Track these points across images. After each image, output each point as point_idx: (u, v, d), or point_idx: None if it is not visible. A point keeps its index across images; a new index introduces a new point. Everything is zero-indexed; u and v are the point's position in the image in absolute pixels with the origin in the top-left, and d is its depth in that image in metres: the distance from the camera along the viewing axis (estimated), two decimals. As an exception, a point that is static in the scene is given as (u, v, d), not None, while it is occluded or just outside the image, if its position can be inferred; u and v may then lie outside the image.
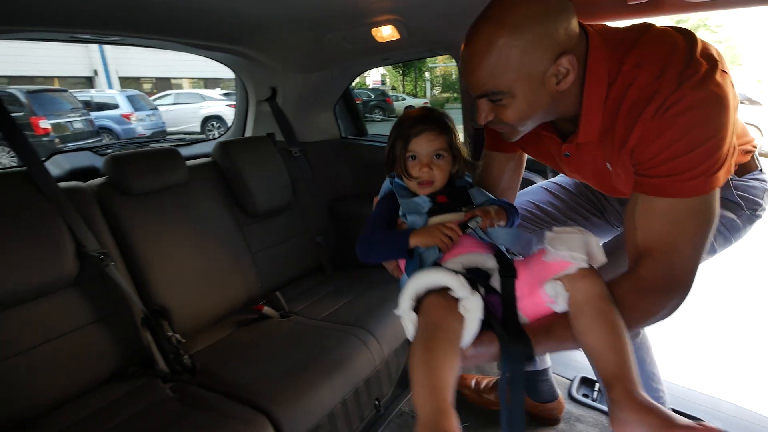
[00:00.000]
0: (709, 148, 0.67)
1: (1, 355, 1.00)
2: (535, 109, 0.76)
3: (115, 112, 8.57)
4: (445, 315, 0.68)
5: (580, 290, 0.70)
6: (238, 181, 1.56)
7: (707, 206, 0.71)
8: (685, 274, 0.73)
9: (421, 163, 0.89)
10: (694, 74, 0.67)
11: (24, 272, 1.02)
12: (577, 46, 0.73)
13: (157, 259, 1.32)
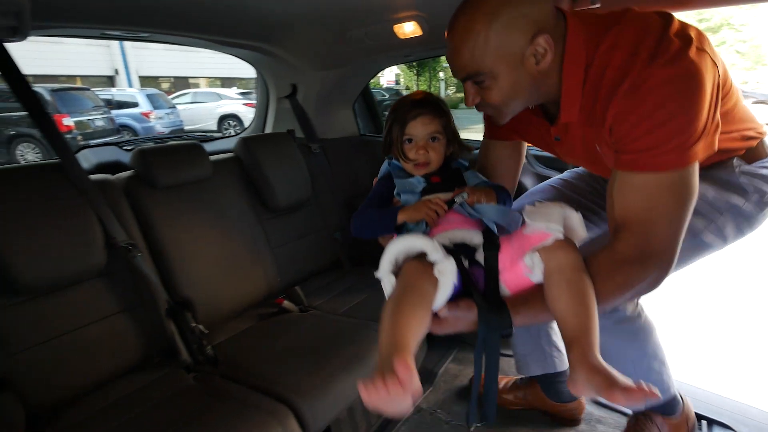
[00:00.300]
0: (680, 122, 0.69)
1: (35, 340, 1.04)
2: (517, 90, 0.80)
3: (135, 110, 8.75)
4: (420, 277, 0.71)
5: (554, 260, 0.73)
6: (259, 176, 1.58)
7: (683, 181, 0.72)
8: (663, 248, 0.74)
9: (417, 146, 0.93)
10: (665, 52, 0.69)
11: (57, 261, 1.05)
12: (555, 28, 0.77)
13: (181, 252, 1.35)
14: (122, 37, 1.36)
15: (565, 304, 0.71)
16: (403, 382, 0.52)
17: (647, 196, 0.74)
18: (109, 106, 8.08)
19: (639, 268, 0.75)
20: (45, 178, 1.09)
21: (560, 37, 0.78)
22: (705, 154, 0.73)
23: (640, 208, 0.75)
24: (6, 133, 6.79)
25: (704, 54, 0.70)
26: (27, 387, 1.01)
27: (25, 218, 1.02)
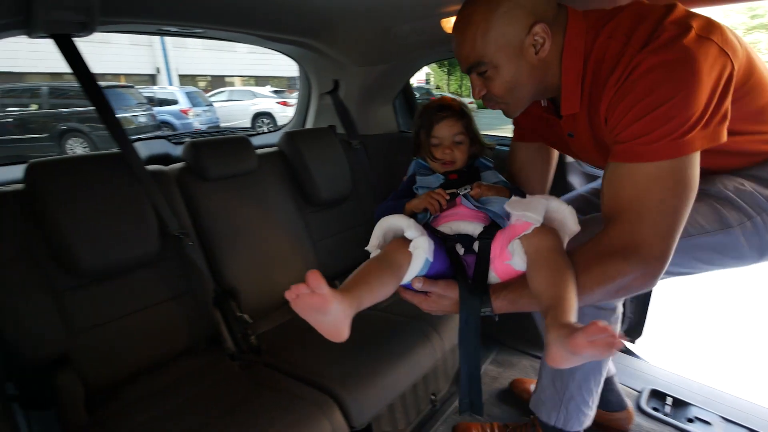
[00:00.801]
0: (668, 109, 0.66)
1: (94, 322, 1.09)
2: (519, 80, 0.82)
3: (174, 107, 9.10)
4: (396, 249, 0.79)
5: (532, 245, 0.76)
6: (302, 170, 1.60)
7: (675, 172, 0.69)
8: (650, 243, 0.71)
9: (444, 146, 1.02)
10: (656, 39, 0.68)
11: (117, 246, 1.10)
12: (555, 18, 0.79)
13: (227, 242, 1.38)
14: (177, 33, 1.41)
15: (542, 279, 0.73)
16: (310, 284, 0.60)
17: (635, 187, 0.72)
18: (151, 104, 8.44)
19: (621, 261, 0.72)
20: (107, 167, 1.14)
21: (561, 27, 0.79)
22: (705, 144, 0.69)
23: (627, 199, 0.73)
24: (58, 128, 7.21)
25: (707, 42, 0.68)
26: (85, 366, 1.06)
27: (89, 205, 1.07)
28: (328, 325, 0.66)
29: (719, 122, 0.70)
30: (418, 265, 0.79)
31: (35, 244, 1.04)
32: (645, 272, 0.73)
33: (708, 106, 0.67)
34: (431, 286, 0.82)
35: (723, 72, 0.68)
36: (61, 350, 1.03)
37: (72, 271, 1.05)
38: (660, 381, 1.51)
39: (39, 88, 7.42)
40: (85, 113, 7.23)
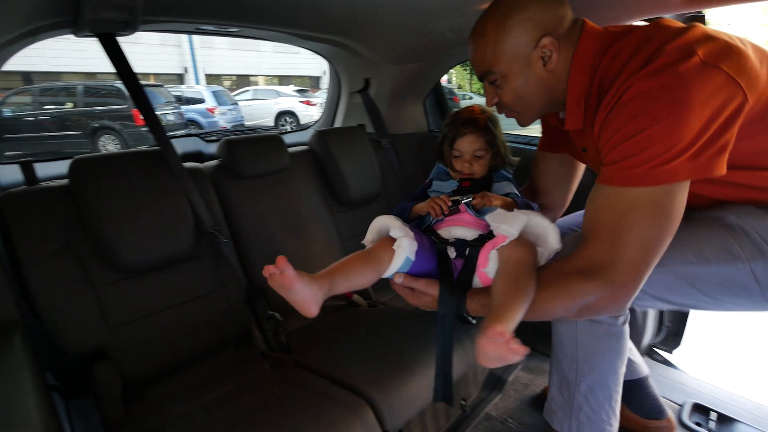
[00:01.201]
0: (649, 136, 0.66)
1: (130, 317, 1.11)
2: (527, 90, 0.84)
3: (201, 106, 9.29)
4: (382, 246, 0.88)
5: (505, 255, 0.82)
6: (333, 169, 1.60)
7: (654, 200, 0.69)
8: (619, 268, 0.71)
9: (464, 159, 1.07)
10: (653, 63, 0.67)
11: (155, 242, 1.11)
12: (568, 33, 0.81)
13: (258, 239, 1.39)
14: (214, 32, 1.42)
15: (499, 286, 0.77)
16: (278, 267, 0.71)
17: (611, 211, 0.72)
18: (179, 102, 8.65)
19: (583, 280, 0.73)
20: (147, 164, 1.16)
21: (573, 43, 0.80)
22: (692, 175, 0.68)
23: (602, 221, 0.73)
24: (91, 126, 7.48)
25: (712, 70, 0.66)
26: (122, 360, 1.08)
27: (130, 201, 1.09)
28: (297, 301, 0.76)
29: (715, 154, 0.67)
30: (399, 262, 0.87)
31: (77, 238, 1.06)
32: (608, 296, 0.73)
33: (700, 135, 0.65)
34: (413, 282, 0.89)
35: (728, 102, 0.66)
36: (100, 343, 1.06)
37: (111, 266, 1.08)
38: (702, 394, 1.44)
39: (74, 87, 7.71)
40: (117, 111, 7.47)
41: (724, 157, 0.68)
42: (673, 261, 0.81)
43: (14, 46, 1.06)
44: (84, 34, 1.11)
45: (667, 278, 0.83)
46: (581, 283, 0.74)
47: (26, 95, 7.73)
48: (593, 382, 1.00)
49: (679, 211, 0.70)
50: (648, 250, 0.71)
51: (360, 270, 0.86)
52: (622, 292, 0.73)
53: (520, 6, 0.80)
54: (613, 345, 0.97)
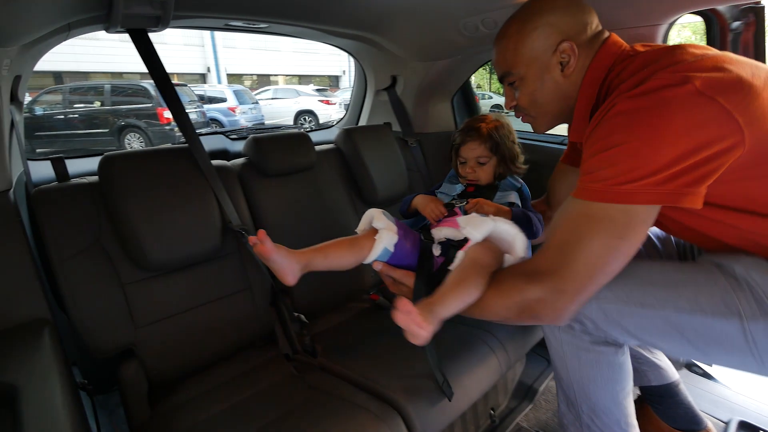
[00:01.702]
0: (615, 154, 0.66)
1: (157, 316, 1.09)
2: (543, 95, 0.85)
3: (222, 105, 9.43)
4: (366, 235, 1.00)
5: (468, 256, 0.87)
6: (359, 167, 1.56)
7: (609, 218, 0.68)
8: (562, 276, 0.71)
9: (467, 166, 1.16)
10: (642, 85, 0.67)
11: (183, 240, 1.10)
12: (589, 43, 0.81)
13: (283, 239, 1.34)
14: (242, 28, 1.40)
15: (449, 277, 0.84)
16: (258, 238, 0.85)
17: (567, 219, 0.73)
18: (201, 101, 8.79)
19: (524, 281, 0.75)
20: (176, 161, 1.14)
21: (592, 53, 0.81)
22: (655, 201, 0.66)
23: (558, 228, 0.74)
24: (117, 124, 7.66)
25: (707, 101, 0.63)
26: (147, 359, 1.07)
27: (158, 198, 1.08)
28: (275, 270, 0.89)
29: (686, 185, 0.65)
30: (377, 251, 0.97)
31: (106, 235, 1.05)
32: (546, 301, 0.73)
33: (674, 163, 0.63)
34: (390, 270, 0.99)
35: (718, 138, 0.63)
36: (127, 342, 1.04)
37: (138, 264, 1.06)
38: (749, 412, 1.34)
39: (102, 86, 7.92)
40: (142, 110, 7.63)
41: (698, 189, 0.66)
42: (664, 305, 0.76)
43: (49, 42, 1.06)
44: (116, 30, 1.10)
45: (656, 322, 0.77)
46: (523, 283, 0.76)
47: (56, 94, 7.98)
48: (594, 407, 0.95)
49: (635, 235, 0.69)
50: (593, 265, 0.70)
51: (341, 253, 0.97)
52: (560, 300, 0.72)
53: (543, 10, 0.81)
54: (608, 374, 0.91)
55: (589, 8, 0.84)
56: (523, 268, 0.80)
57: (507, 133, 1.17)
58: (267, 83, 15.19)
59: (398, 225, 1.02)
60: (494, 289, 0.82)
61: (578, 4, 0.83)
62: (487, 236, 0.92)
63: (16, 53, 0.92)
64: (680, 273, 0.75)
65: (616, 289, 0.77)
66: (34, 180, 1.14)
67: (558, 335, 0.92)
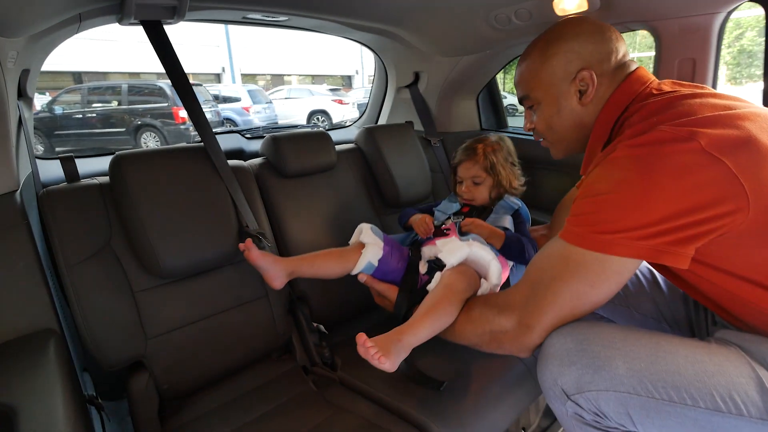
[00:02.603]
0: (603, 200, 0.65)
1: (168, 327, 1.02)
2: (559, 122, 0.83)
3: (236, 105, 9.45)
4: (354, 247, 1.08)
5: (443, 279, 0.93)
6: (381, 168, 1.48)
7: (584, 265, 0.67)
8: (530, 312, 0.72)
9: (464, 185, 1.19)
10: (646, 134, 0.64)
11: (198, 245, 1.03)
12: (611, 73, 0.78)
13: (302, 243, 1.29)
14: (260, 21, 1.33)
15: (423, 303, 0.90)
16: (246, 245, 0.96)
17: (543, 256, 0.73)
18: (216, 101, 8.82)
19: (495, 313, 0.78)
20: (190, 161, 1.07)
21: (613, 85, 0.78)
22: (634, 255, 0.63)
23: (534, 265, 0.75)
24: (134, 123, 7.73)
25: (713, 161, 0.58)
26: (158, 372, 1.00)
27: (172, 200, 1.01)
28: (263, 275, 1.01)
29: (672, 243, 0.61)
30: (361, 264, 1.04)
31: (117, 240, 0.99)
32: (512, 333, 0.74)
33: (662, 221, 0.60)
34: (374, 283, 1.05)
35: (718, 201, 0.58)
36: (138, 354, 0.98)
37: (150, 270, 1.00)
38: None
39: (119, 86, 7.99)
40: (158, 110, 7.69)
41: (683, 250, 0.62)
42: (696, 402, 0.62)
43: (59, 34, 1.01)
44: (129, 22, 1.04)
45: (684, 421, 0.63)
46: (493, 314, 0.78)
47: (75, 94, 8.09)
48: None
49: (608, 286, 0.67)
50: (560, 308, 0.70)
51: (327, 263, 1.05)
52: (525, 335, 0.73)
53: (566, 36, 0.79)
54: None
55: (616, 37, 0.79)
56: (496, 300, 0.82)
57: (506, 155, 1.19)
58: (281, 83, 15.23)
59: (386, 241, 1.08)
60: (467, 316, 0.85)
61: (604, 31, 0.79)
62: (464, 261, 0.97)
63: (23, 45, 0.87)
64: (708, 362, 0.63)
65: (640, 377, 0.64)
66: (44, 180, 1.08)
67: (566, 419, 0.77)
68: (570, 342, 0.68)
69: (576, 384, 0.66)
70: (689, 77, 1.17)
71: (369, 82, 14.80)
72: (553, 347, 0.70)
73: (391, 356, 0.77)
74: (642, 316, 1.01)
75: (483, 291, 0.95)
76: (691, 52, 1.14)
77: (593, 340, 0.67)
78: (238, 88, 10.25)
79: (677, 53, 1.17)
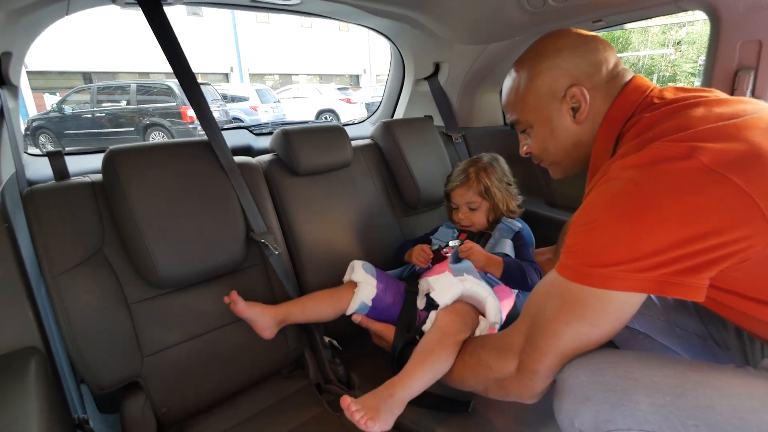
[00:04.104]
0: (594, 229, 0.58)
1: (165, 343, 0.92)
2: (554, 143, 0.76)
3: (245, 104, 9.41)
4: (346, 287, 1.04)
5: (438, 318, 0.89)
6: (400, 165, 1.36)
7: (582, 302, 0.59)
8: (529, 354, 0.66)
9: (460, 212, 1.14)
10: (641, 151, 0.57)
11: (200, 252, 0.92)
12: (604, 85, 0.71)
13: (316, 248, 1.17)
14: (269, 5, 1.22)
15: (416, 349, 0.85)
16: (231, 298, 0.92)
17: (542, 295, 0.67)
18: (224, 100, 8.77)
19: (495, 356, 0.73)
20: (192, 156, 0.96)
21: (609, 98, 0.71)
22: (637, 289, 0.55)
23: (531, 302, 0.69)
24: (142, 123, 7.71)
25: (719, 179, 0.51)
26: (155, 394, 0.89)
27: (172, 200, 0.90)
28: (252, 326, 0.96)
29: (680, 273, 0.53)
30: (354, 305, 1.00)
31: (110, 244, 0.88)
32: (518, 380, 0.68)
33: (665, 250, 0.53)
34: (369, 323, 1.01)
35: (731, 226, 0.51)
36: (132, 374, 0.87)
37: (148, 280, 0.89)
38: None
39: (128, 85, 7.98)
40: (167, 109, 7.66)
41: (695, 280, 0.54)
42: None
43: (44, 13, 0.90)
44: (124, 3, 0.94)
45: None
46: (494, 359, 0.72)
47: (84, 93, 8.09)
48: None
49: (611, 324, 0.60)
50: (561, 350, 0.63)
51: (319, 306, 1.00)
52: (530, 380, 0.67)
53: (547, 53, 0.73)
54: None
55: (603, 45, 0.72)
56: (495, 342, 0.75)
57: (500, 176, 1.13)
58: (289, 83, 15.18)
59: (379, 278, 1.03)
60: (466, 360, 0.80)
61: (588, 42, 0.72)
62: (459, 297, 0.91)
63: (2, 23, 0.76)
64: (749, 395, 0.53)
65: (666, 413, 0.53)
66: (34, 179, 0.98)
67: None
68: (583, 374, 0.59)
69: (593, 423, 0.57)
70: (753, 62, 1.03)
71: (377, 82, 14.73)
72: (565, 381, 0.61)
73: (380, 417, 0.72)
74: (684, 332, 0.88)
75: (482, 329, 0.88)
76: (758, 33, 1.00)
77: (608, 370, 0.58)
78: (247, 87, 10.20)
79: (740, 35, 1.03)
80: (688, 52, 12.91)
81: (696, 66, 12.35)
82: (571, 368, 0.61)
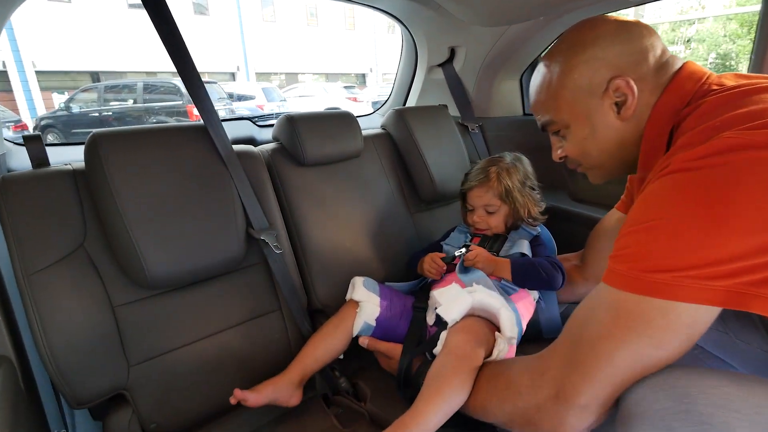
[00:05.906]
0: (655, 228, 0.49)
1: (153, 351, 0.82)
2: (595, 144, 0.68)
3: (250, 103, 9.37)
4: (347, 308, 0.96)
5: (447, 339, 0.80)
6: (414, 156, 1.26)
7: (641, 315, 0.49)
8: (571, 382, 0.55)
9: (476, 214, 1.04)
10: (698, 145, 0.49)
11: (194, 251, 0.82)
12: (652, 74, 0.62)
13: (324, 245, 1.07)
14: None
15: (427, 379, 0.75)
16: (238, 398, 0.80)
17: (588, 310, 0.57)
18: (230, 99, 8.74)
19: (525, 380, 0.62)
20: (186, 143, 0.87)
21: (659, 88, 0.63)
22: (705, 300, 0.45)
23: (574, 319, 0.59)
24: (149, 121, 7.71)
25: None
26: (143, 408, 0.80)
27: (162, 191, 0.81)
28: (278, 404, 0.85)
29: (757, 284, 0.44)
30: (358, 327, 0.92)
31: (93, 240, 0.79)
32: (553, 412, 0.57)
33: (739, 257, 0.44)
34: (376, 344, 0.92)
35: None
36: (116, 386, 0.78)
37: (135, 280, 0.79)
38: None
39: (135, 84, 7.98)
40: (173, 108, 7.65)
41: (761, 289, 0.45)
42: None
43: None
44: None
45: None
46: (525, 382, 0.63)
47: (92, 92, 8.11)
48: None
49: (679, 343, 0.49)
50: (612, 376, 0.52)
51: (329, 344, 0.91)
52: (568, 415, 0.55)
53: (585, 42, 0.65)
54: None
55: (648, 31, 0.63)
56: (528, 363, 0.65)
57: (523, 178, 1.03)
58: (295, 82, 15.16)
59: (383, 294, 0.96)
60: (490, 385, 0.71)
61: (630, 28, 0.63)
62: (470, 312, 0.83)
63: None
64: None
65: None
66: (10, 167, 0.89)
67: None
68: (665, 398, 0.48)
69: None
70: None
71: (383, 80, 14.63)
72: (639, 405, 0.49)
73: None
74: (746, 345, 0.77)
75: (500, 349, 0.79)
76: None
77: (698, 397, 0.46)
78: (253, 85, 10.18)
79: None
80: (698, 50, 12.67)
81: (706, 64, 12.11)
82: (646, 389, 0.49)
